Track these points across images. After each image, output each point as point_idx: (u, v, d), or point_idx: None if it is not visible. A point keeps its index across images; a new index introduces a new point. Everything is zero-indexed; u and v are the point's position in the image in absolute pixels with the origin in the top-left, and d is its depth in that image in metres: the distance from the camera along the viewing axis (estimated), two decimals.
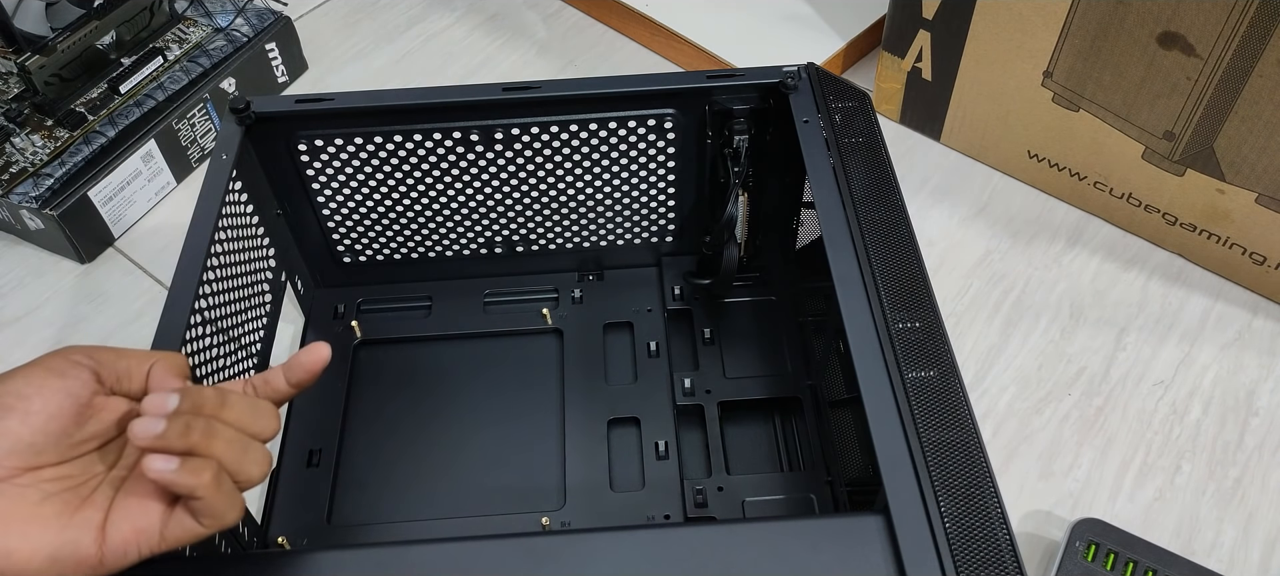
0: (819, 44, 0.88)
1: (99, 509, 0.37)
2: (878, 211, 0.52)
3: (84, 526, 0.36)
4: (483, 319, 0.68)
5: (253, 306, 0.59)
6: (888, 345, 0.46)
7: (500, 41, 0.96)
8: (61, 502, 0.36)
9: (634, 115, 0.60)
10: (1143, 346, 0.69)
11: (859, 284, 0.48)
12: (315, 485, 0.59)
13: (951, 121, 0.81)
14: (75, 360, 0.38)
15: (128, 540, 0.36)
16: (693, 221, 0.68)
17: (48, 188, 0.73)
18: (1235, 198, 0.68)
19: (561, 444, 0.61)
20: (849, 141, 0.56)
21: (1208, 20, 0.62)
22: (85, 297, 0.74)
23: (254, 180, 0.60)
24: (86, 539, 0.36)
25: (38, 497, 0.36)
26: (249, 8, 0.87)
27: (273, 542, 0.56)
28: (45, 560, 0.35)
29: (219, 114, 0.83)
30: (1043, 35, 0.70)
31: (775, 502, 0.58)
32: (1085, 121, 0.72)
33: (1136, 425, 0.65)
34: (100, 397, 0.38)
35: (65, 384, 0.37)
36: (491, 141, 0.61)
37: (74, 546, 0.36)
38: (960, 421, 0.44)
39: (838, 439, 0.58)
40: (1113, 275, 0.74)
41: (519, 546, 0.40)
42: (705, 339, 0.66)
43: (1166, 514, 0.61)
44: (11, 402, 0.36)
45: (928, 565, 0.39)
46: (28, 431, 0.36)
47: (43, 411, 0.36)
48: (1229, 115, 0.64)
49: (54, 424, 0.36)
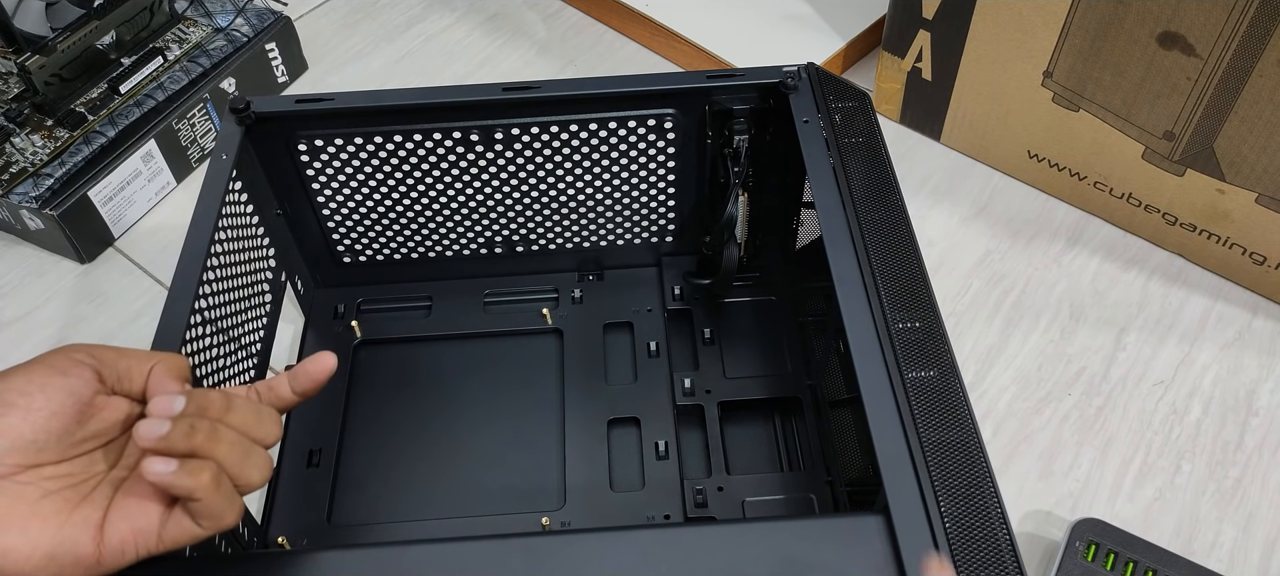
0: (819, 44, 0.88)
1: (98, 507, 0.37)
2: (878, 211, 0.52)
3: (82, 525, 0.36)
4: (483, 319, 0.68)
5: (253, 306, 0.59)
6: (888, 345, 0.46)
7: (500, 41, 0.96)
8: (61, 500, 0.36)
9: (634, 115, 0.60)
10: (1143, 346, 0.69)
11: (859, 284, 0.48)
12: (315, 485, 0.59)
13: (951, 121, 0.81)
14: (77, 359, 0.38)
15: (125, 540, 0.36)
16: (693, 221, 0.68)
17: (48, 188, 0.73)
18: (1235, 198, 0.68)
19: (561, 444, 0.61)
20: (849, 141, 0.56)
21: (1208, 20, 0.62)
22: (85, 298, 0.74)
23: (254, 180, 0.60)
24: (84, 537, 0.36)
25: (37, 495, 0.36)
26: (249, 8, 0.87)
27: (273, 542, 0.56)
28: (43, 557, 0.35)
29: (219, 114, 0.83)
30: (1043, 35, 0.70)
31: (775, 502, 0.58)
32: (1085, 121, 0.72)
33: (1136, 425, 0.65)
34: (102, 397, 0.38)
35: (67, 382, 0.37)
36: (491, 141, 0.61)
37: (72, 544, 0.36)
38: (960, 421, 0.44)
39: (838, 439, 0.58)
40: (1113, 275, 0.74)
41: (519, 546, 0.40)
42: (705, 339, 0.66)
43: (1166, 514, 0.61)
44: (13, 399, 0.36)
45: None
46: (29, 429, 0.36)
47: (45, 409, 0.36)
48: (1229, 115, 0.64)
49: (56, 421, 0.36)
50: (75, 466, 0.37)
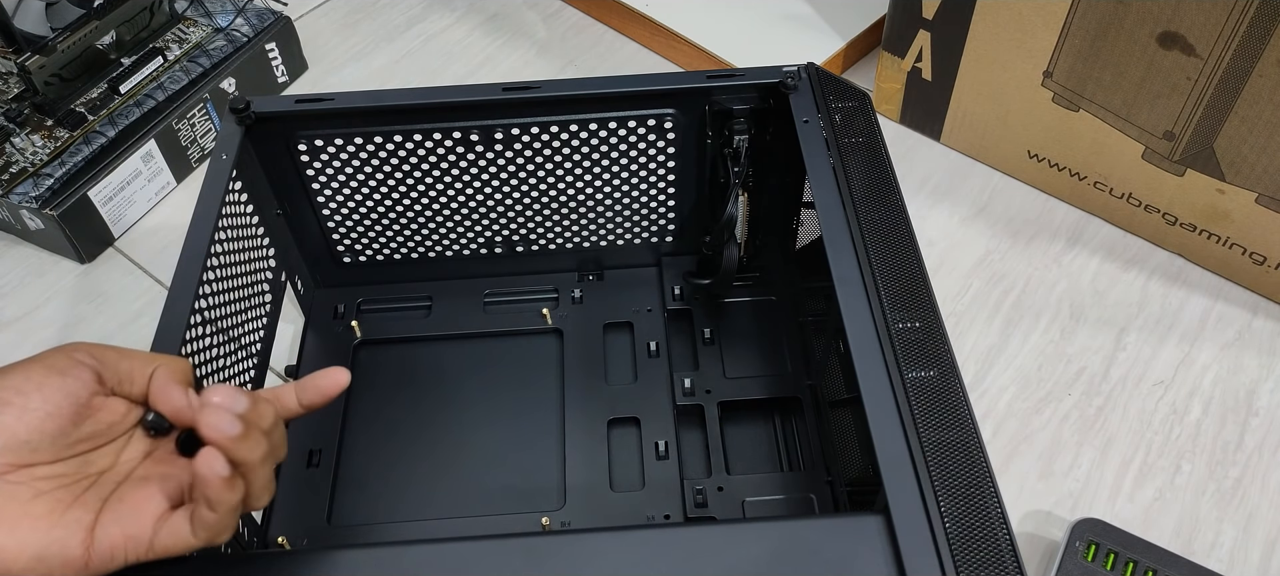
0: (819, 44, 0.88)
1: (90, 509, 0.36)
2: (878, 211, 0.52)
3: (73, 526, 0.36)
4: (483, 319, 0.68)
5: (253, 306, 0.59)
6: (888, 345, 0.46)
7: (500, 41, 0.96)
8: (53, 501, 0.36)
9: (634, 115, 0.60)
10: (1143, 346, 0.69)
11: (859, 284, 0.48)
12: (315, 485, 0.59)
13: (951, 121, 0.81)
14: (77, 359, 0.37)
15: (116, 544, 0.36)
16: (693, 221, 0.68)
17: (48, 188, 0.73)
18: (1235, 198, 0.68)
19: (561, 444, 0.61)
20: (849, 141, 0.56)
21: (1208, 20, 0.62)
22: (85, 298, 0.74)
23: (254, 180, 0.60)
24: (74, 540, 0.35)
25: (29, 495, 0.35)
26: (249, 8, 0.87)
27: (273, 542, 0.56)
28: (31, 558, 0.35)
29: (219, 114, 0.83)
30: (1043, 35, 0.70)
31: (775, 502, 0.58)
32: (1085, 121, 0.72)
33: (1136, 425, 0.65)
34: (99, 398, 0.38)
35: (65, 383, 0.37)
36: (491, 141, 0.61)
37: (61, 546, 0.35)
38: (960, 421, 0.44)
39: (838, 439, 0.58)
40: (1113, 275, 0.74)
41: (519, 546, 0.40)
42: (705, 339, 0.66)
43: (1166, 514, 0.61)
44: (9, 398, 0.36)
45: (928, 565, 0.39)
46: (24, 428, 0.36)
47: (41, 409, 0.36)
48: (1229, 115, 0.64)
49: (51, 422, 0.36)
50: (69, 467, 0.37)
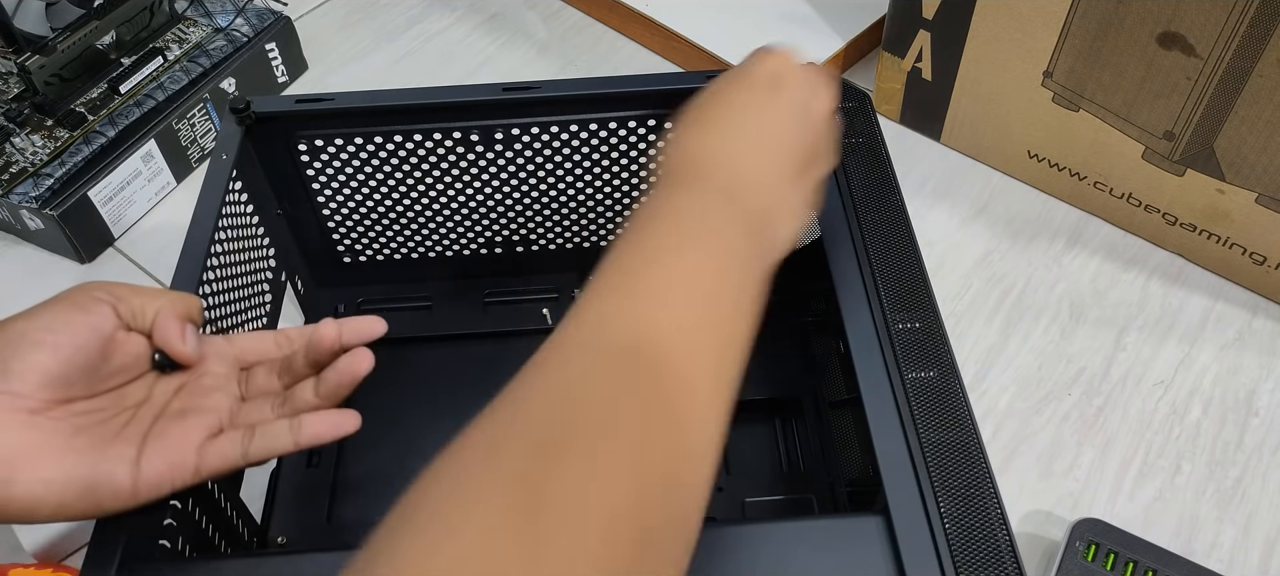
0: (819, 44, 0.87)
1: (133, 443, 0.38)
2: (878, 211, 0.53)
3: (118, 460, 0.37)
4: (483, 319, 0.68)
5: (253, 306, 0.59)
6: (888, 345, 0.46)
7: (500, 41, 0.96)
8: (95, 436, 0.37)
9: (634, 115, 0.60)
10: (1143, 346, 0.69)
11: (859, 284, 0.48)
12: (315, 485, 0.59)
13: (951, 121, 0.81)
14: (96, 296, 0.39)
15: (163, 474, 0.38)
16: None
17: (48, 188, 0.73)
18: (1235, 197, 0.68)
19: None
20: (849, 141, 0.56)
21: (1208, 20, 0.62)
22: None
23: (254, 180, 0.60)
24: (121, 471, 0.37)
25: (71, 431, 0.37)
26: (249, 8, 0.87)
27: (273, 542, 0.56)
28: (79, 490, 0.36)
29: (219, 114, 0.83)
30: (1043, 35, 0.70)
31: (775, 503, 0.58)
32: (1085, 121, 0.72)
33: (1136, 425, 0.65)
34: (122, 332, 0.39)
35: (88, 319, 0.38)
36: (491, 141, 0.61)
37: (109, 476, 0.37)
38: (960, 421, 0.44)
39: (838, 439, 0.58)
40: (1113, 275, 0.74)
41: None
42: None
43: (1166, 514, 0.61)
44: (40, 337, 0.37)
45: (928, 565, 0.39)
46: (57, 365, 0.37)
47: (70, 345, 0.37)
48: (1229, 115, 0.64)
49: (81, 356, 0.38)
50: (105, 401, 0.39)
